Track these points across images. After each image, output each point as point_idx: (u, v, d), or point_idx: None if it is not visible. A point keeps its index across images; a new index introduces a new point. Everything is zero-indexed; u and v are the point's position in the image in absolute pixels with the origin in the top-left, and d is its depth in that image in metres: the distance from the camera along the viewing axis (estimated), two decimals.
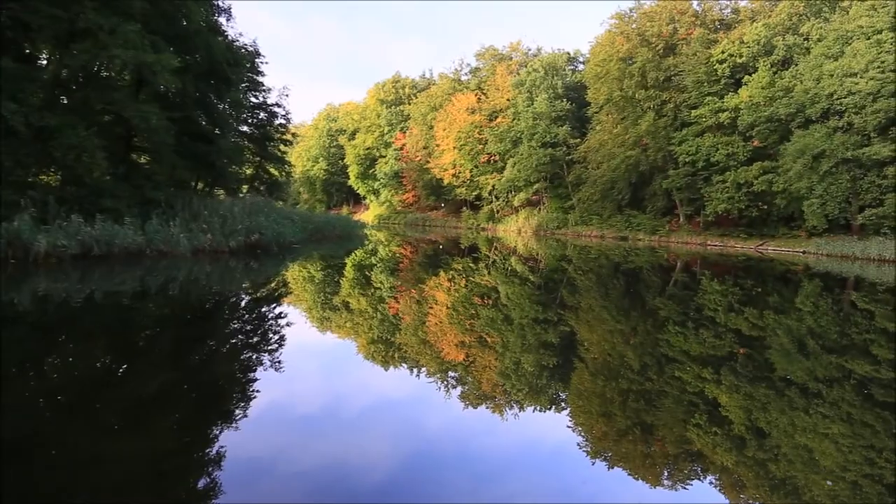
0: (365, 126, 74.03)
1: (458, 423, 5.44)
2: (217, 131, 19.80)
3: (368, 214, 75.36)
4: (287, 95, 32.70)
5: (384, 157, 70.38)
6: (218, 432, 4.69)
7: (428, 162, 59.67)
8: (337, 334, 9.03)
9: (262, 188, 33.28)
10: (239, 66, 20.78)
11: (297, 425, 5.11)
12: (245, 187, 33.25)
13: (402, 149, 66.40)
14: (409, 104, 67.33)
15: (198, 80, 18.22)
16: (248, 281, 13.38)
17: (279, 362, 6.79)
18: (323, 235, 27.56)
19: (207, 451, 4.33)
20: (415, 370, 7.15)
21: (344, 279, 15.22)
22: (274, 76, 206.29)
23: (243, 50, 30.63)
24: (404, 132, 66.38)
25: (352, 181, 77.44)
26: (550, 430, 5.45)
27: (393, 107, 70.91)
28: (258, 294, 11.83)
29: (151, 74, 13.38)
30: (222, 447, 4.36)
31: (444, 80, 63.57)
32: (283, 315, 9.89)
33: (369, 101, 75.56)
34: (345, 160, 77.78)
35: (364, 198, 79.27)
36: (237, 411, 5.18)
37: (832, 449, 4.92)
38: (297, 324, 9.22)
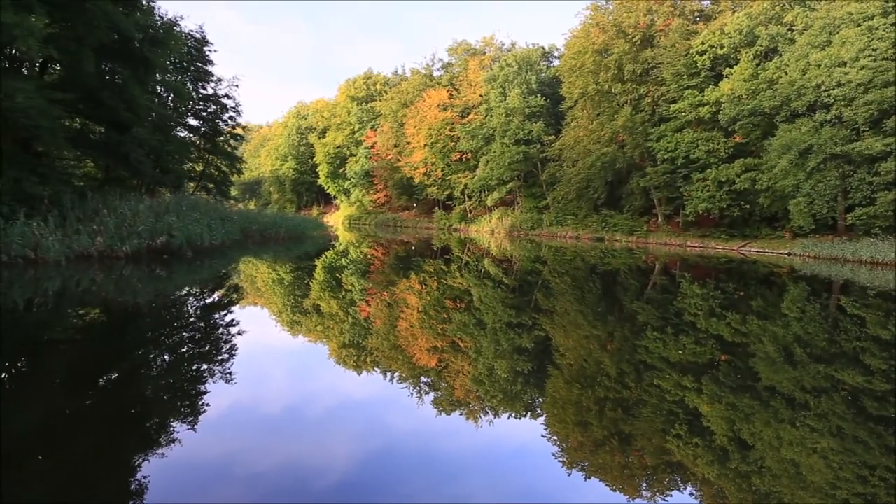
0: (335, 124, 71.45)
1: (429, 430, 5.28)
2: (133, 119, 17.02)
3: (339, 215, 72.92)
4: (237, 86, 30.05)
5: (355, 155, 67.88)
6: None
7: (398, 160, 57.37)
8: (303, 340, 8.53)
9: (211, 186, 30.77)
10: (163, 46, 18.06)
11: (252, 429, 4.99)
12: (192, 185, 30.65)
13: (372, 147, 63.95)
14: (381, 101, 64.83)
15: (103, 59, 15.58)
16: (118, 298, 10.75)
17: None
18: (266, 237, 24.96)
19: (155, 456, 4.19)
20: (382, 377, 6.93)
21: (266, 290, 12.74)
22: (246, 79, 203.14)
23: (189, 35, 28.05)
24: (375, 130, 63.88)
25: (321, 180, 74.72)
26: (523, 437, 5.33)
27: (364, 104, 68.37)
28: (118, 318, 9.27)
29: (10, 39, 10.75)
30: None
31: (415, 76, 61.23)
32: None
33: (340, 97, 72.97)
34: (314, 159, 74.99)
35: (335, 198, 76.54)
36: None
37: (821, 465, 4.70)
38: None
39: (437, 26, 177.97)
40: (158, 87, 25.80)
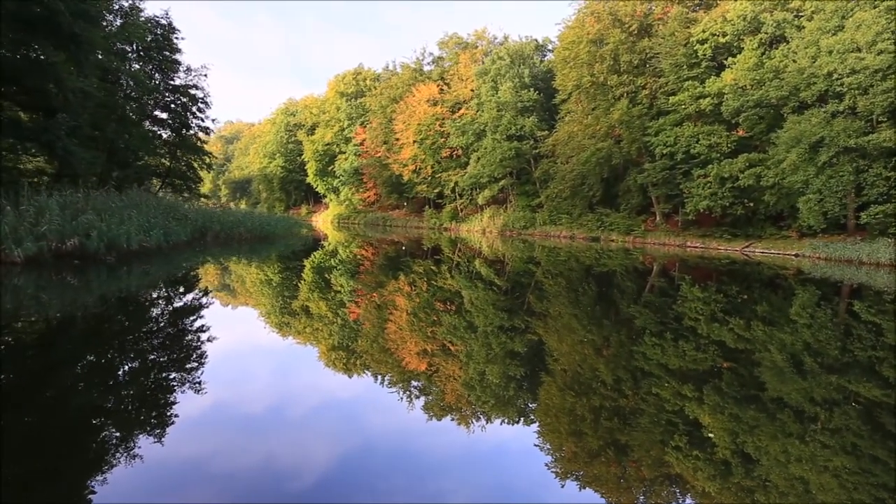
0: (324, 120, 69.50)
1: (416, 437, 5.10)
2: (64, 104, 14.95)
3: (328, 214, 71.04)
4: (205, 75, 27.96)
5: (344, 153, 65.87)
6: None
7: (387, 157, 55.43)
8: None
9: (179, 182, 28.85)
10: (96, 23, 15.98)
11: (228, 433, 4.85)
12: (157, 181, 28.70)
13: (362, 144, 61.97)
14: (370, 96, 62.81)
15: (22, 35, 13.57)
16: None
17: None
18: (229, 238, 22.93)
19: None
20: (367, 380, 6.69)
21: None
22: (236, 79, 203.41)
23: (154, 22, 26.04)
24: (365, 126, 61.88)
25: (310, 179, 72.69)
26: (514, 446, 5.10)
27: (353, 100, 66.35)
28: None
29: None
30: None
31: (405, 70, 59.30)
32: None
33: (329, 94, 71.02)
34: (303, 157, 72.98)
35: (324, 196, 74.51)
36: None
37: (834, 484, 4.30)
38: None
39: (415, 23, 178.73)
40: (122, 78, 23.96)
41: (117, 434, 4.57)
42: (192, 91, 27.60)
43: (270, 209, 77.50)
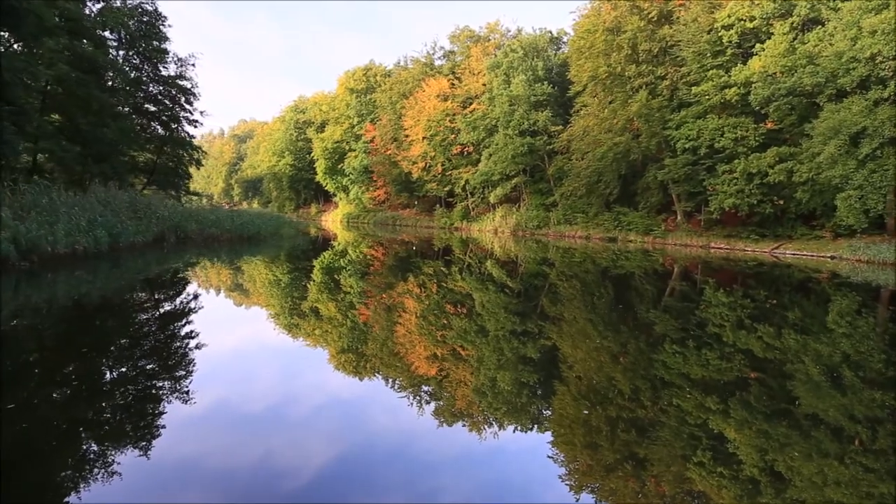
0: (334, 117, 68.21)
1: (422, 442, 5.01)
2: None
3: (338, 213, 69.79)
4: (193, 65, 26.63)
5: (353, 150, 64.47)
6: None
7: (397, 155, 53.91)
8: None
9: (167, 178, 27.61)
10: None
11: (226, 434, 4.85)
12: (142, 178, 27.48)
13: (371, 141, 60.53)
14: (379, 92, 61.30)
15: None
16: None
17: None
18: (205, 238, 21.49)
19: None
20: (372, 386, 6.51)
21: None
22: (237, 79, 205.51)
23: (139, 8, 24.76)
24: (374, 123, 60.40)
25: (319, 177, 71.45)
26: (525, 457, 4.97)
27: (363, 96, 64.88)
28: None
29: None
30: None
31: (415, 65, 57.71)
32: None
33: (339, 90, 69.69)
34: (312, 154, 71.80)
35: (334, 195, 73.24)
36: None
37: None
38: None
39: (417, 23, 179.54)
40: (100, 67, 22.68)
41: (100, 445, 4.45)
42: (180, 82, 26.32)
43: (280, 208, 76.89)
